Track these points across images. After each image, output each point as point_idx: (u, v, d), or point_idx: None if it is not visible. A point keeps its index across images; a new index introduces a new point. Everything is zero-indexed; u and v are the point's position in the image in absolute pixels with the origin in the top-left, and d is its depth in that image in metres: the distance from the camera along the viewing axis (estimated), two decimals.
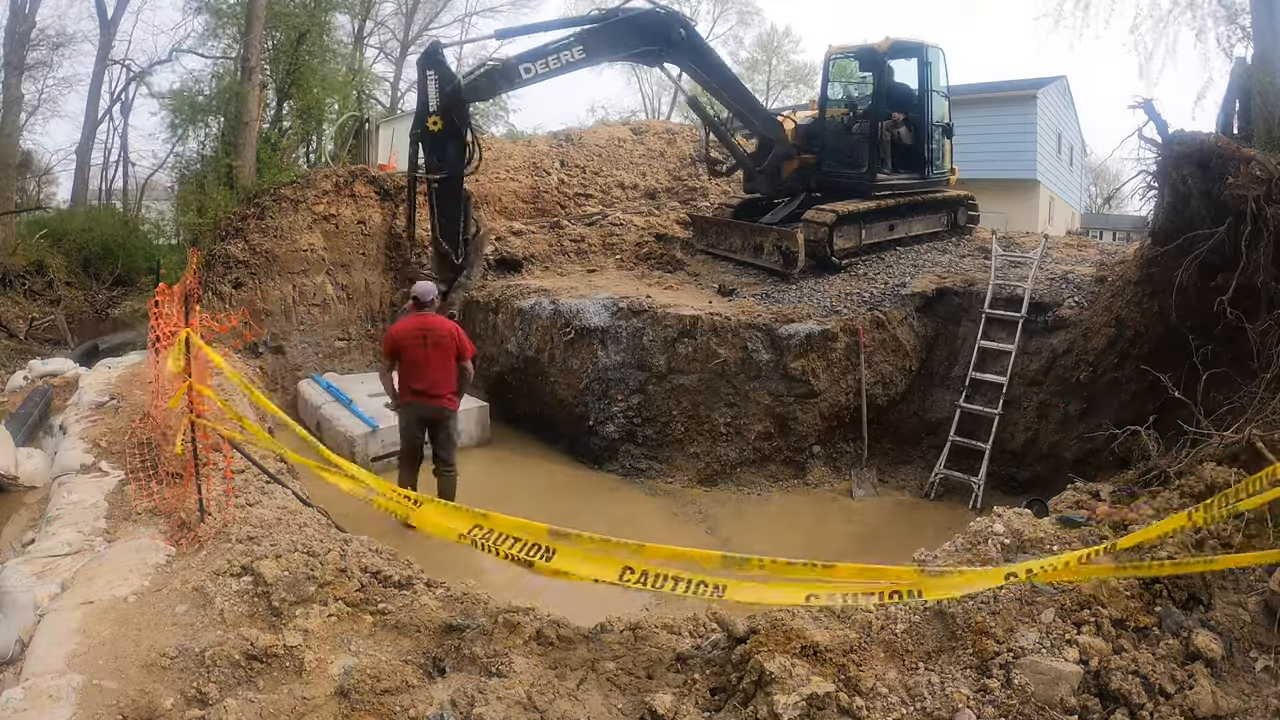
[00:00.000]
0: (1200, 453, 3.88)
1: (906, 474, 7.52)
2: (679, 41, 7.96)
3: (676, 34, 7.94)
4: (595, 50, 7.60)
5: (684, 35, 8.00)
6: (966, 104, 14.35)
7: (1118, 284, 6.74)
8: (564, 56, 7.36)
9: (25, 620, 3.24)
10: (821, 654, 2.68)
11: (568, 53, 7.37)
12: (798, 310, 7.73)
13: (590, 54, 7.55)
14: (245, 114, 11.87)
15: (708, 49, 9.02)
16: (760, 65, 32.80)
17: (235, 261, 9.78)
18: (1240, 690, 2.54)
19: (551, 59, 7.33)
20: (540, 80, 7.54)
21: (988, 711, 2.46)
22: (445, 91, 7.15)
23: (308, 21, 14.63)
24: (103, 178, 21.55)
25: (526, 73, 7.33)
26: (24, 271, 13.29)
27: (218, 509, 4.27)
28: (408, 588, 3.61)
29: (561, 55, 7.36)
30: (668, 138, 14.28)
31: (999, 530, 3.44)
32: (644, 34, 7.82)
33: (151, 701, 2.77)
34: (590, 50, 7.50)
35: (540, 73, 7.36)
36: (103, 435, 5.68)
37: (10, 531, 4.76)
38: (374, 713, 2.76)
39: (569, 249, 10.74)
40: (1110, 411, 6.32)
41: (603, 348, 8.09)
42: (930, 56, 9.37)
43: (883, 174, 9.22)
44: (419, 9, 26.39)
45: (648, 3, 8.15)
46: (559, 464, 8.10)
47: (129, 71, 20.77)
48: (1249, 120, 6.58)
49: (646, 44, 7.88)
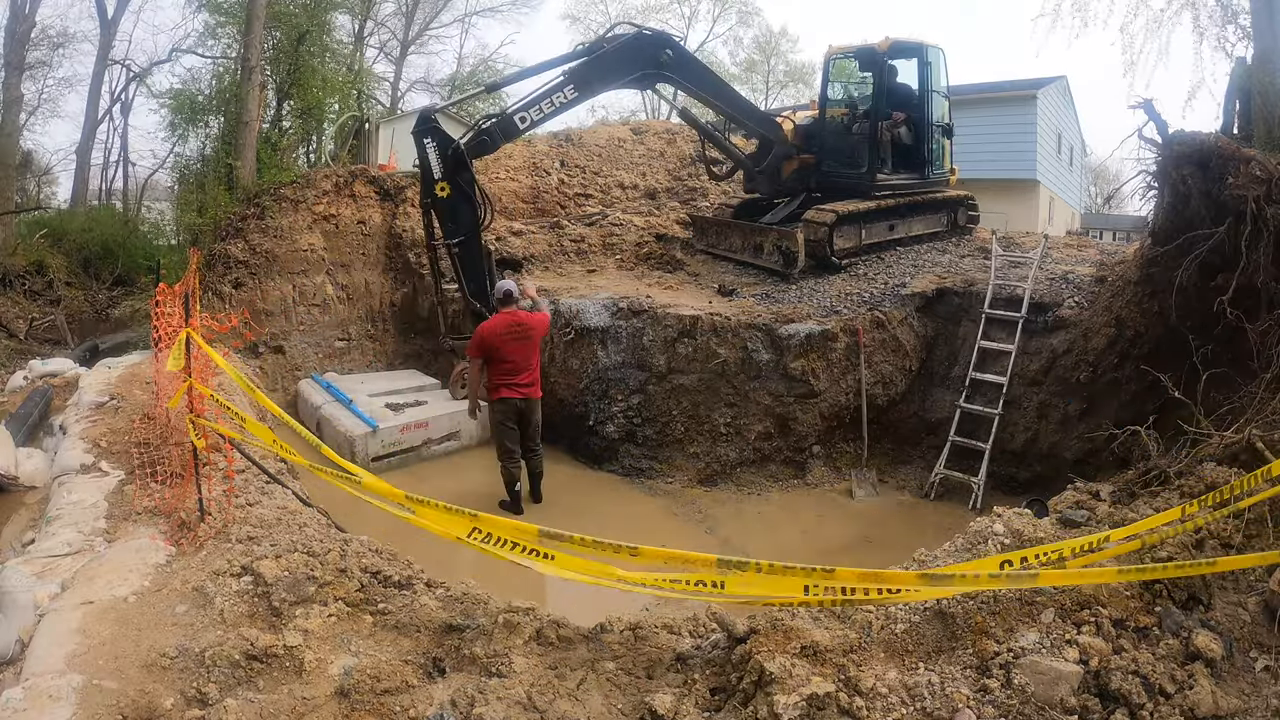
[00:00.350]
0: (1200, 453, 3.88)
1: (906, 474, 7.52)
2: (667, 62, 8.00)
3: (664, 55, 7.97)
4: (587, 86, 7.66)
5: (671, 55, 8.03)
6: (966, 104, 14.36)
7: (1118, 284, 6.74)
8: (557, 99, 7.43)
9: (25, 620, 3.24)
10: (821, 654, 2.68)
11: (560, 94, 7.43)
12: (798, 310, 7.73)
13: (582, 91, 7.62)
14: (245, 114, 11.87)
15: (696, 63, 9.06)
16: (759, 65, 32.81)
17: (235, 261, 9.78)
18: (1240, 690, 2.54)
19: (545, 104, 7.40)
20: (538, 125, 7.66)
21: (988, 711, 2.46)
22: (447, 156, 7.10)
23: (308, 21, 14.61)
24: (103, 178, 21.60)
25: (523, 122, 7.44)
26: (24, 271, 13.29)
27: (218, 509, 4.27)
28: (408, 588, 3.61)
29: (554, 98, 7.42)
30: (668, 138, 14.28)
31: (999, 530, 3.44)
32: (632, 62, 7.86)
33: (151, 701, 2.77)
34: (581, 87, 7.56)
35: (536, 119, 7.47)
36: (103, 435, 5.68)
37: (10, 531, 4.76)
38: (374, 713, 2.76)
39: (569, 249, 10.74)
40: (1110, 411, 6.32)
41: (603, 348, 8.09)
42: (930, 56, 9.36)
43: (883, 174, 9.21)
44: (419, 9, 26.41)
45: (631, 26, 8.19)
46: (559, 464, 8.08)
47: (129, 71, 20.82)
48: (1249, 120, 6.58)
49: (636, 70, 7.91)
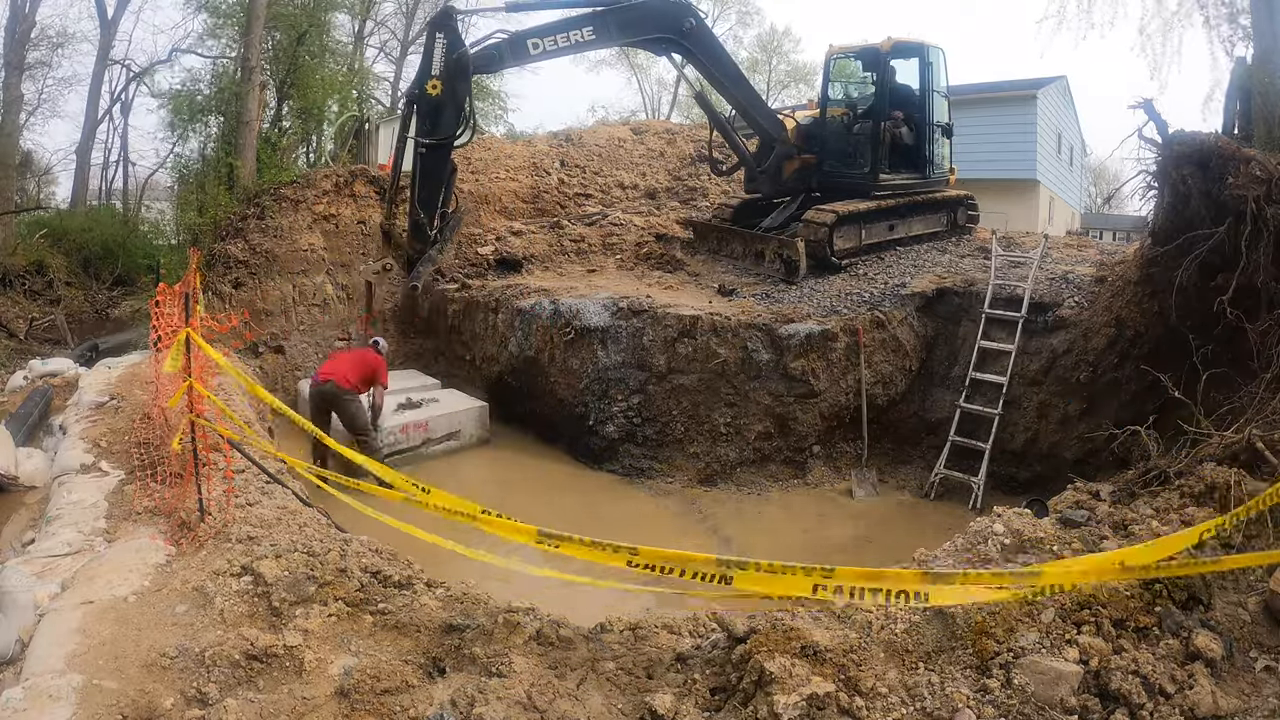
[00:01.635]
0: (1200, 453, 3.88)
1: (906, 474, 7.52)
2: (689, 31, 7.91)
3: (687, 23, 7.89)
4: (605, 32, 7.53)
5: (694, 25, 7.97)
6: (966, 104, 14.35)
7: (1118, 284, 6.74)
8: (573, 35, 7.29)
9: (25, 620, 3.23)
10: (821, 654, 2.68)
11: (577, 32, 7.30)
12: (798, 310, 7.73)
13: (600, 35, 7.50)
14: (245, 114, 11.88)
15: (716, 41, 8.98)
16: (760, 65, 32.80)
17: (235, 261, 9.78)
18: (1240, 690, 2.53)
19: (560, 36, 7.25)
20: (548, 58, 7.48)
21: (988, 711, 2.46)
22: (451, 57, 7.02)
23: (307, 21, 14.64)
24: (103, 178, 21.61)
25: (534, 48, 7.27)
26: (24, 271, 13.30)
27: (218, 509, 4.27)
28: (408, 588, 3.61)
29: (571, 34, 7.28)
30: (668, 138, 14.28)
31: (999, 530, 3.44)
32: (655, 20, 7.76)
33: (151, 701, 2.77)
34: (600, 32, 7.43)
35: (548, 49, 7.28)
36: (103, 435, 5.68)
37: (10, 531, 4.76)
38: (374, 713, 2.76)
39: (569, 249, 10.74)
40: (1110, 411, 6.32)
41: (603, 348, 8.09)
42: (931, 57, 9.38)
43: (885, 174, 9.22)
44: (419, 9, 26.40)
45: None
46: (559, 464, 8.10)
47: (129, 71, 20.82)
48: (1249, 120, 6.58)
49: (657, 30, 7.81)
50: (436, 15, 7.25)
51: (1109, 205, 27.68)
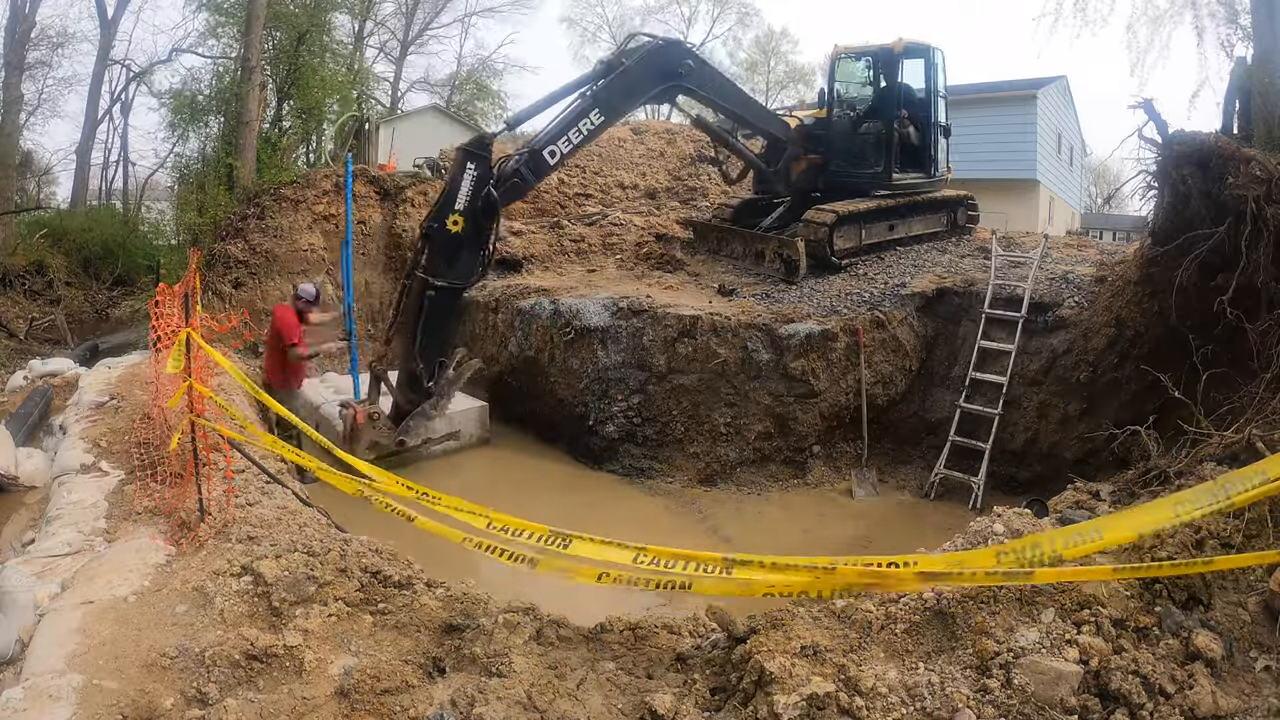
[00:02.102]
0: (1200, 453, 3.88)
1: (906, 474, 7.52)
2: (687, 73, 7.70)
3: (684, 66, 7.69)
4: (611, 107, 7.24)
5: (691, 66, 7.76)
6: (966, 104, 14.37)
7: (1118, 284, 6.74)
8: (584, 126, 6.94)
9: (25, 620, 3.24)
10: (821, 654, 2.68)
11: (585, 121, 6.95)
12: (798, 310, 7.73)
13: (609, 114, 7.21)
14: (245, 114, 11.89)
15: (715, 73, 8.81)
16: (759, 65, 32.83)
17: (235, 261, 9.79)
18: (1240, 690, 2.53)
19: (572, 133, 6.91)
20: (570, 156, 7.20)
21: (988, 711, 2.46)
22: (481, 195, 6.37)
23: (308, 22, 14.64)
24: (103, 178, 21.63)
25: (552, 156, 6.92)
26: (24, 271, 13.31)
27: (218, 509, 4.27)
28: (408, 588, 3.61)
29: (581, 125, 6.93)
30: (668, 138, 14.28)
31: (999, 530, 3.44)
32: (654, 76, 7.52)
33: (151, 701, 2.77)
34: (607, 110, 7.14)
35: (566, 151, 6.99)
36: (103, 435, 5.69)
37: (10, 531, 4.76)
38: (374, 713, 2.76)
39: (569, 249, 10.74)
40: (1110, 411, 6.32)
41: (603, 348, 8.09)
42: (935, 58, 9.43)
43: (897, 173, 9.25)
44: (419, 9, 26.45)
45: (645, 36, 7.90)
46: (559, 464, 8.10)
47: (129, 71, 20.83)
48: (1249, 120, 6.59)
49: (658, 84, 7.59)
50: (471, 143, 6.52)
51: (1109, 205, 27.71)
